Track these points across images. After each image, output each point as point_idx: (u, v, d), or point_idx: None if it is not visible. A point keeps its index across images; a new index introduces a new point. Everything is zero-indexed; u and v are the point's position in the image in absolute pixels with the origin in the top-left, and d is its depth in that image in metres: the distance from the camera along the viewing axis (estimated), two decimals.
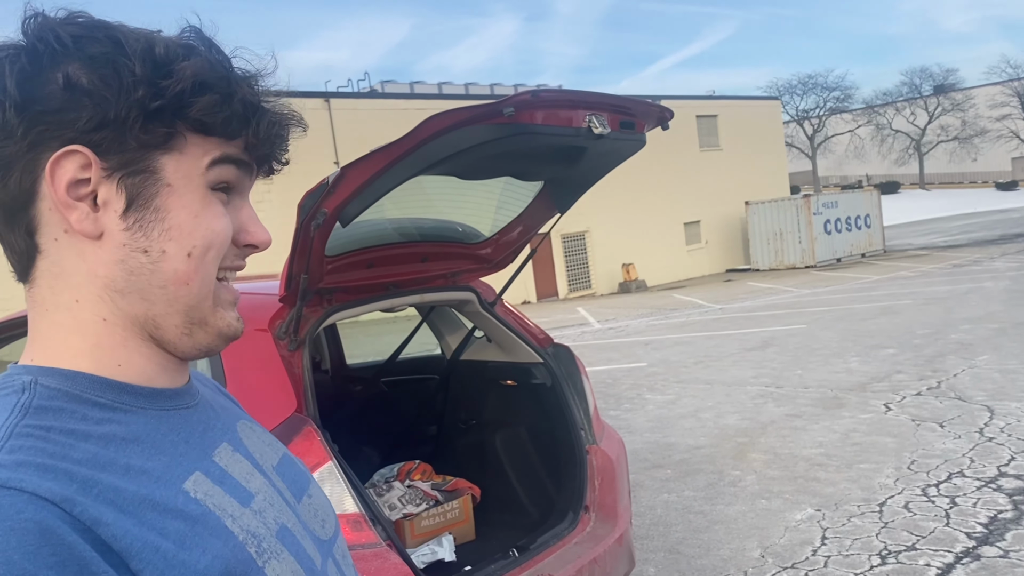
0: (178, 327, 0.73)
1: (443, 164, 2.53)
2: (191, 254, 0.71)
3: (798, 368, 9.26)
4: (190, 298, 0.72)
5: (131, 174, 0.69)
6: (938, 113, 64.37)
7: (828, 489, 5.17)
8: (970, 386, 7.43)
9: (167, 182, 0.71)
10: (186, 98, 0.69)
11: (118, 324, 0.72)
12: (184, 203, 0.71)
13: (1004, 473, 5.11)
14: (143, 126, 0.69)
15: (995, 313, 11.63)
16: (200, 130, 0.71)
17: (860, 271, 22.93)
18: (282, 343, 2.78)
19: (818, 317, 13.58)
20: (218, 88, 0.71)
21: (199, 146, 0.72)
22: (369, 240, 3.07)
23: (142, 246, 0.70)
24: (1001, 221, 36.49)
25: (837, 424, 6.66)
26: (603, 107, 2.64)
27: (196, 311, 0.73)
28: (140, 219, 0.70)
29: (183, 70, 0.69)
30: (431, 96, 27.84)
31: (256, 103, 0.73)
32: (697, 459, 6.13)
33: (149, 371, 0.74)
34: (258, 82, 0.75)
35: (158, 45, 0.70)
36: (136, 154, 0.69)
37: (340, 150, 22.29)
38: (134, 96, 0.68)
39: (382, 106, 24.60)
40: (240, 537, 0.69)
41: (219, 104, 0.70)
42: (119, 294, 0.71)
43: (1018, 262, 19.04)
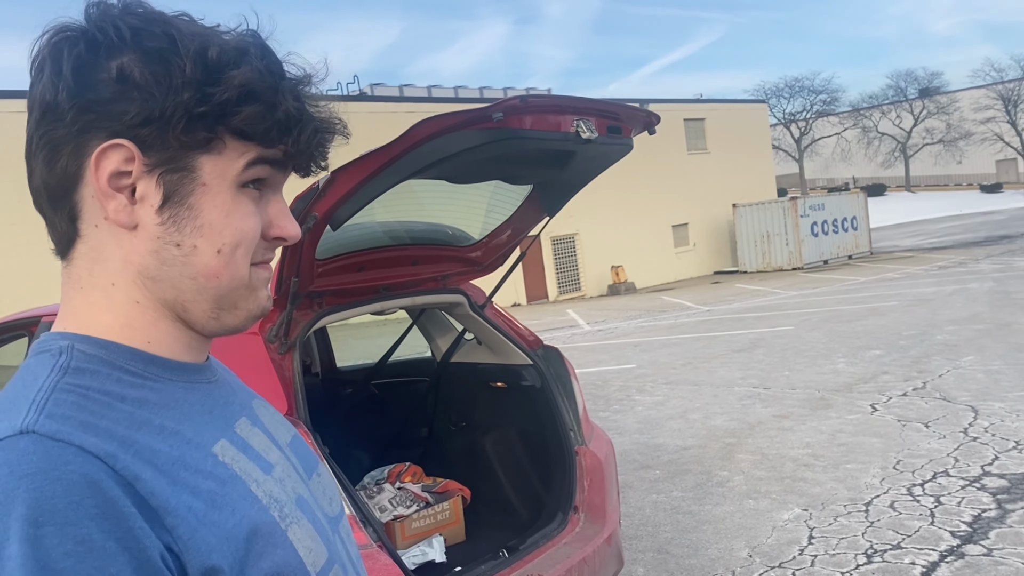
0: (206, 312, 0.76)
1: (433, 168, 2.56)
2: (220, 251, 0.74)
3: (785, 369, 9.32)
4: (219, 289, 0.75)
5: (170, 171, 0.72)
6: (923, 116, 64.80)
7: (815, 489, 5.22)
8: (955, 386, 7.50)
9: (203, 181, 0.73)
10: (230, 107, 0.71)
11: (149, 307, 0.75)
12: (217, 202, 0.74)
13: (988, 472, 5.17)
14: (185, 128, 0.71)
15: (980, 314, 11.74)
16: (240, 136, 0.73)
17: (847, 273, 23.07)
18: (272, 346, 2.80)
19: (805, 318, 13.67)
20: (264, 99, 0.72)
21: (237, 149, 0.74)
22: (359, 243, 3.09)
23: (175, 240, 0.73)
24: (985, 223, 36.79)
25: (824, 425, 6.71)
26: (591, 112, 2.68)
27: (226, 299, 0.76)
28: (175, 215, 0.73)
29: (231, 79, 0.70)
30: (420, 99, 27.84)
31: (299, 114, 0.75)
32: (685, 460, 6.17)
33: (177, 348, 0.77)
34: (306, 89, 0.77)
35: (212, 47, 0.71)
36: (177, 152, 0.72)
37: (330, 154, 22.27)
38: (181, 97, 0.70)
39: (371, 109, 24.60)
40: (264, 501, 0.72)
41: (262, 115, 0.72)
42: (152, 280, 0.74)
43: (1002, 263, 19.20)
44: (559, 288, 28.16)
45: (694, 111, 33.28)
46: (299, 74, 0.77)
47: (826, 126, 66.79)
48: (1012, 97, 61.09)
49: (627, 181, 27.34)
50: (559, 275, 28.26)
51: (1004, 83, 62.41)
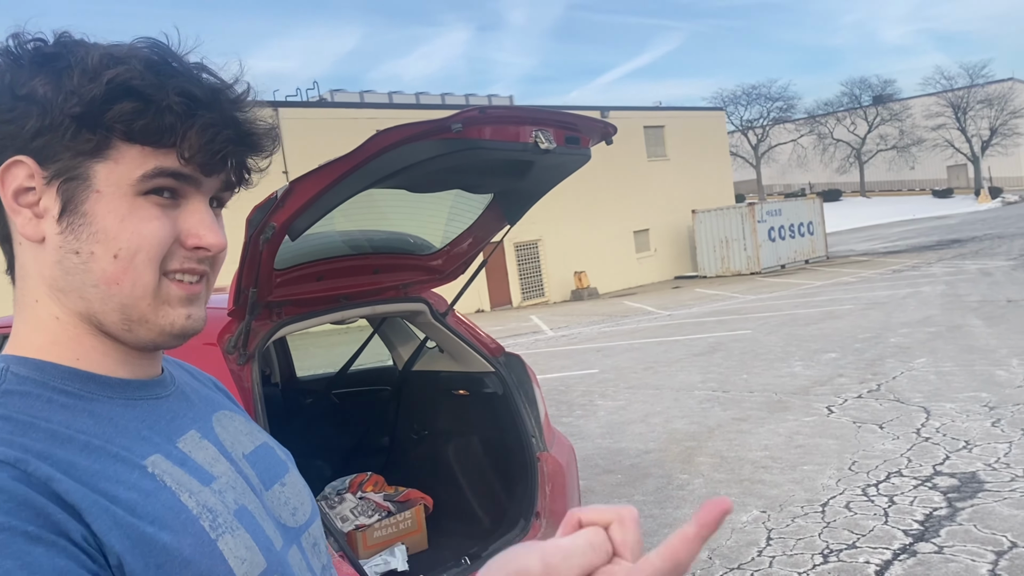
0: (116, 324, 0.76)
1: (392, 178, 2.57)
2: (117, 256, 0.74)
3: (744, 372, 9.45)
4: (122, 297, 0.75)
5: (66, 180, 0.73)
6: (877, 123, 66.14)
7: (773, 491, 5.31)
8: (908, 388, 7.68)
9: (96, 188, 0.74)
10: (99, 103, 0.71)
11: (69, 322, 0.76)
12: (111, 208, 0.74)
13: (939, 472, 5.31)
14: (73, 134, 0.72)
15: (932, 317, 12.02)
16: (127, 138, 0.73)
17: (804, 277, 23.46)
18: (231, 357, 2.79)
19: (763, 322, 13.87)
20: (142, 95, 0.72)
21: (133, 158, 0.74)
22: (319, 253, 3.09)
23: (74, 247, 0.74)
24: (938, 227, 37.66)
25: (782, 427, 6.82)
26: (549, 123, 2.71)
27: (132, 309, 0.76)
28: (71, 223, 0.74)
29: (102, 77, 0.71)
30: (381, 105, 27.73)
31: (187, 113, 0.74)
32: (646, 464, 6.23)
33: (108, 364, 0.77)
34: (217, 92, 0.76)
35: (95, 54, 0.72)
36: (71, 162, 0.73)
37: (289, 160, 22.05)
38: (67, 104, 0.71)
39: (332, 115, 24.43)
40: (195, 511, 0.73)
41: (138, 111, 0.72)
42: (62, 292, 0.75)
43: (954, 267, 19.68)
44: (523, 294, 28.22)
45: (653, 118, 33.61)
46: (212, 79, 0.77)
47: (783, 133, 67.88)
48: (961, 104, 62.63)
49: (589, 187, 27.52)
50: (523, 281, 28.32)
51: (954, 91, 63.94)
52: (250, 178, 0.83)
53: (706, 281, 27.87)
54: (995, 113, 62.12)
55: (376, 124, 18.25)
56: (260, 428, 0.96)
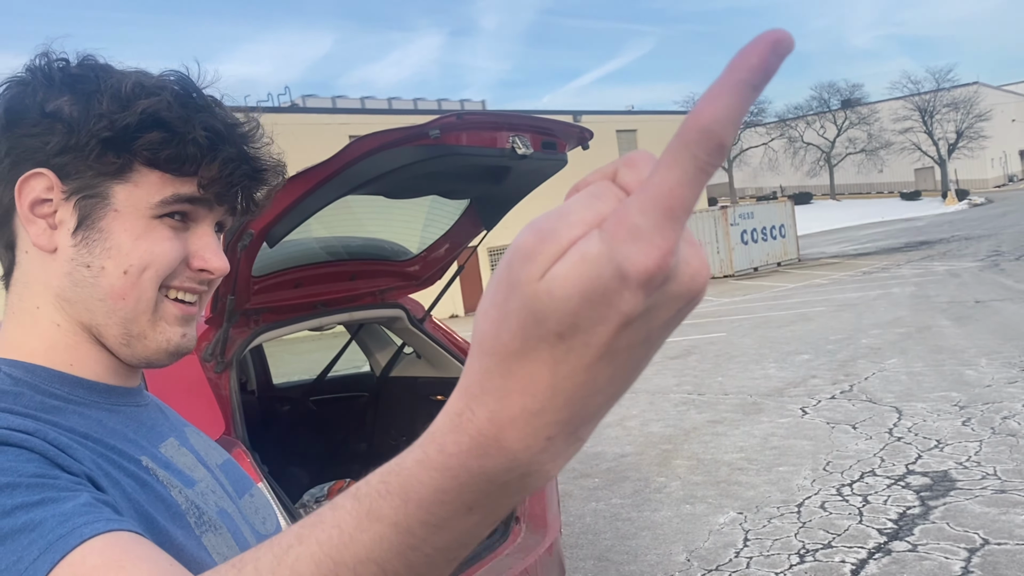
0: (117, 337, 0.79)
1: (370, 184, 2.57)
2: (127, 272, 0.77)
3: (719, 375, 9.52)
4: (126, 311, 0.78)
5: (85, 197, 0.77)
6: (846, 127, 67.00)
7: (749, 492, 5.35)
8: (880, 388, 7.78)
9: (115, 207, 0.77)
10: (131, 132, 0.75)
11: (69, 329, 0.79)
12: (127, 227, 0.77)
13: (912, 471, 5.38)
14: (98, 155, 0.75)
15: (902, 318, 12.19)
16: (151, 165, 0.77)
17: (776, 279, 23.68)
18: (208, 365, 2.77)
19: (737, 325, 13.98)
20: (170, 127, 0.76)
21: (153, 182, 0.77)
22: (296, 260, 3.08)
23: (86, 261, 0.77)
24: (906, 230, 38.19)
25: (757, 429, 6.88)
26: (526, 128, 2.72)
27: (133, 324, 0.79)
28: (87, 237, 0.77)
29: (136, 107, 0.75)
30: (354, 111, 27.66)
31: (210, 146, 0.78)
32: (624, 467, 6.26)
33: (99, 371, 0.80)
34: (235, 128, 0.81)
35: (127, 82, 0.76)
36: (93, 180, 0.76)
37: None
38: (96, 126, 0.75)
39: (304, 120, 24.30)
40: (183, 507, 0.76)
41: (166, 141, 0.76)
42: (68, 303, 0.78)
43: (922, 268, 19.97)
44: None
45: (626, 122, 33.82)
46: (230, 115, 0.81)
47: (754, 136, 68.57)
48: (928, 108, 63.61)
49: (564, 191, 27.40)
50: None
51: (920, 95, 64.93)
52: (256, 208, 0.87)
53: None
54: (961, 116, 63.19)
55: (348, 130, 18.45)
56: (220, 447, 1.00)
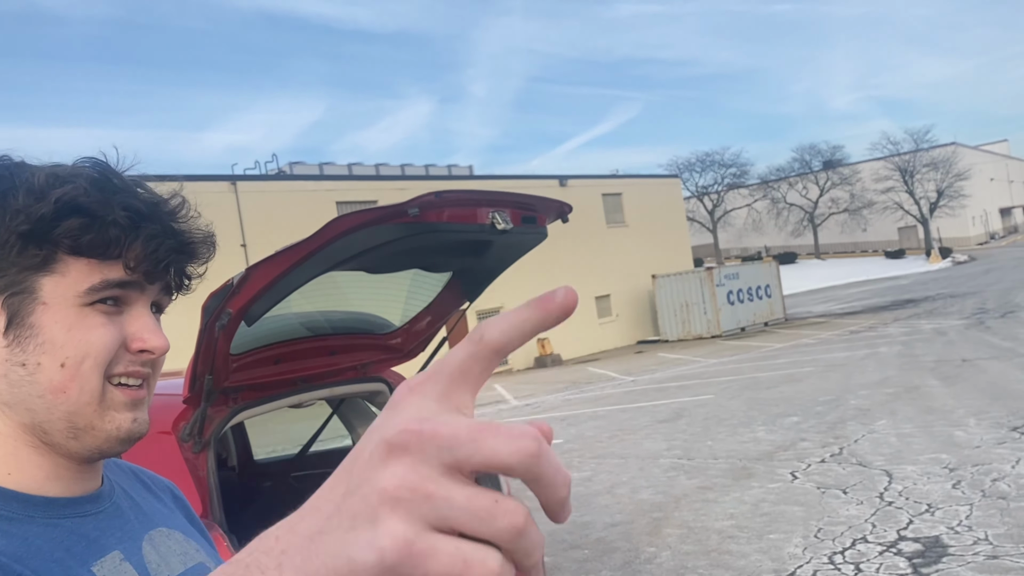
0: (62, 432, 0.77)
1: (349, 262, 2.57)
2: (64, 364, 0.75)
3: (708, 439, 9.46)
4: (69, 405, 0.76)
5: (12, 295, 0.75)
6: (828, 187, 68.00)
7: (740, 562, 5.26)
8: (870, 451, 7.73)
9: (43, 300, 0.75)
10: (49, 221, 0.74)
11: (10, 435, 0.76)
12: (58, 318, 0.76)
13: (903, 537, 5.31)
14: (20, 250, 0.74)
15: (890, 378, 12.19)
16: (73, 252, 0.76)
17: (764, 339, 23.72)
18: (186, 445, 2.72)
19: (725, 387, 13.95)
20: (88, 211, 0.75)
21: (79, 270, 0.76)
22: (276, 336, 3.06)
23: (20, 359, 0.75)
24: (892, 288, 38.48)
25: (747, 495, 6.81)
26: (505, 203, 2.75)
27: (79, 417, 0.77)
28: (18, 335, 0.75)
29: (51, 196, 0.74)
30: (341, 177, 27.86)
31: (131, 226, 0.77)
32: (613, 537, 6.16)
33: (39, 478, 0.77)
34: (157, 206, 0.80)
35: (40, 175, 0.75)
36: (17, 276, 0.75)
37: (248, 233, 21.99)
38: (13, 222, 0.74)
39: (290, 188, 24.47)
40: None
41: (85, 227, 0.75)
42: (7, 406, 0.76)
43: (909, 327, 20.06)
44: None
45: (612, 186, 34.21)
46: (151, 193, 0.81)
47: (737, 198, 69.46)
48: (908, 168, 64.74)
49: (549, 254, 27.75)
50: None
51: (900, 155, 66.14)
52: (189, 284, 0.86)
53: (668, 345, 28.05)
54: (941, 176, 64.30)
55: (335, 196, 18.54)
56: (205, 543, 0.96)
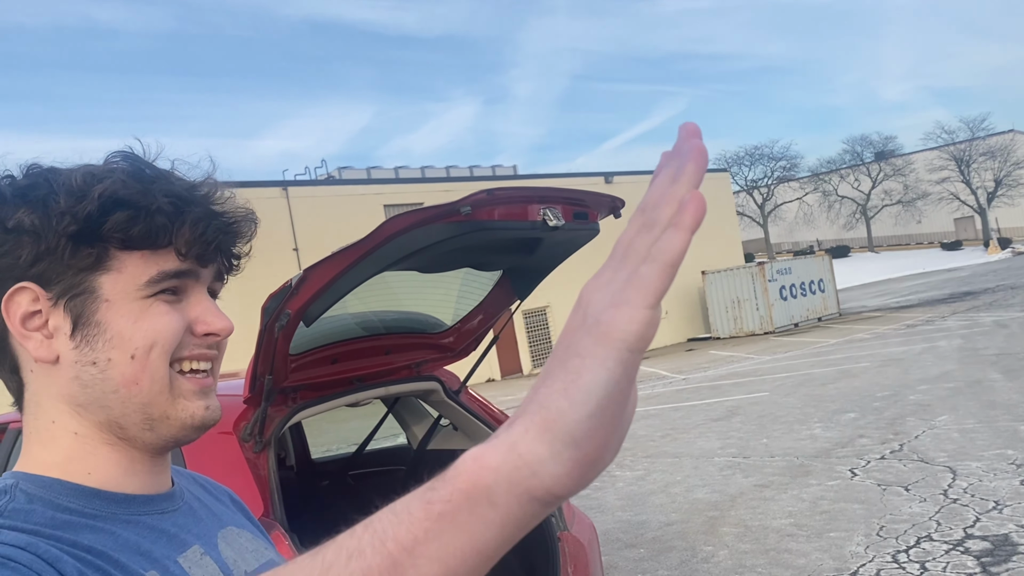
0: (138, 424, 0.78)
1: (403, 262, 2.59)
2: (134, 356, 0.76)
3: (763, 437, 9.32)
4: (142, 396, 0.77)
5: (73, 297, 0.76)
6: (880, 179, 66.62)
7: (800, 560, 5.17)
8: (931, 447, 7.54)
9: (105, 298, 0.76)
10: (96, 219, 0.75)
11: (88, 436, 0.78)
12: (123, 313, 0.76)
13: (971, 535, 5.17)
14: (72, 252, 0.75)
15: (950, 372, 11.88)
16: (125, 246, 0.76)
17: (818, 335, 23.31)
18: (247, 445, 2.77)
19: (780, 383, 13.74)
20: (131, 203, 0.76)
21: (135, 264, 0.77)
22: (333, 336, 3.09)
23: (90, 359, 0.76)
24: (949, 280, 37.54)
25: (805, 492, 6.69)
26: (556, 200, 2.73)
27: (153, 407, 0.78)
28: (86, 335, 0.76)
29: (93, 193, 0.75)
30: (387, 181, 28.14)
31: (176, 210, 0.77)
32: (669, 536, 6.10)
33: (118, 476, 0.79)
34: (194, 190, 0.80)
35: (76, 175, 0.76)
36: (75, 279, 0.76)
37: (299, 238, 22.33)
38: (60, 225, 0.74)
39: (339, 192, 24.79)
40: None
41: (132, 219, 0.75)
42: (82, 407, 0.77)
43: (968, 320, 19.53)
44: (533, 361, 28.11)
45: None
46: (185, 179, 0.81)
47: (788, 191, 68.39)
48: (964, 157, 63.11)
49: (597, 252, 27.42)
50: (532, 348, 28.24)
51: (955, 144, 64.51)
52: (238, 266, 0.86)
53: (720, 342, 27.73)
54: (998, 164, 62.55)
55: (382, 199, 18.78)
56: (268, 544, 0.97)
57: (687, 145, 0.46)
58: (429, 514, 0.45)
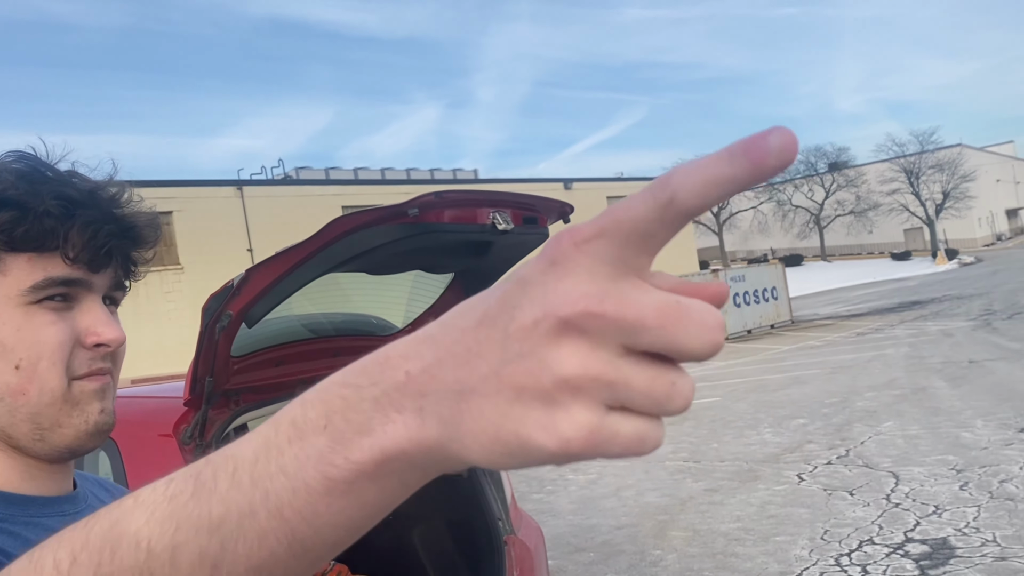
0: (27, 435, 0.76)
1: (350, 263, 2.57)
2: (19, 366, 0.74)
3: (714, 441, 9.43)
4: (30, 406, 0.75)
5: None
6: (834, 189, 67.90)
7: (746, 564, 5.24)
8: (876, 453, 7.70)
9: None
10: None
11: None
12: (4, 319, 0.74)
13: (910, 538, 5.28)
14: None
15: (897, 379, 12.14)
16: (9, 247, 0.74)
17: (770, 342, 23.64)
18: (187, 448, 2.72)
19: (732, 389, 13.91)
20: (18, 204, 0.74)
21: (19, 267, 0.75)
22: (278, 338, 3.06)
23: None
24: (898, 290, 38.35)
25: (753, 497, 6.78)
26: (506, 204, 2.74)
27: (42, 417, 0.76)
28: None
29: None
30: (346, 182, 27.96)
31: (65, 213, 0.75)
32: (619, 540, 6.14)
33: (15, 479, 0.77)
34: (95, 193, 0.78)
35: None
36: None
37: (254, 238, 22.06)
38: None
39: (296, 192, 24.56)
40: None
41: (17, 220, 0.74)
42: None
43: (916, 329, 19.98)
44: None
45: (617, 189, 34.25)
46: (88, 181, 0.79)
47: (743, 200, 69.41)
48: (914, 170, 64.61)
49: None
50: None
51: (905, 156, 66.02)
52: (138, 272, 0.84)
53: None
54: (946, 177, 64.17)
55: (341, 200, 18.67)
56: None
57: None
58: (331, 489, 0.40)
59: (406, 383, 0.38)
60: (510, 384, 0.34)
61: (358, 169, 33.03)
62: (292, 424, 0.42)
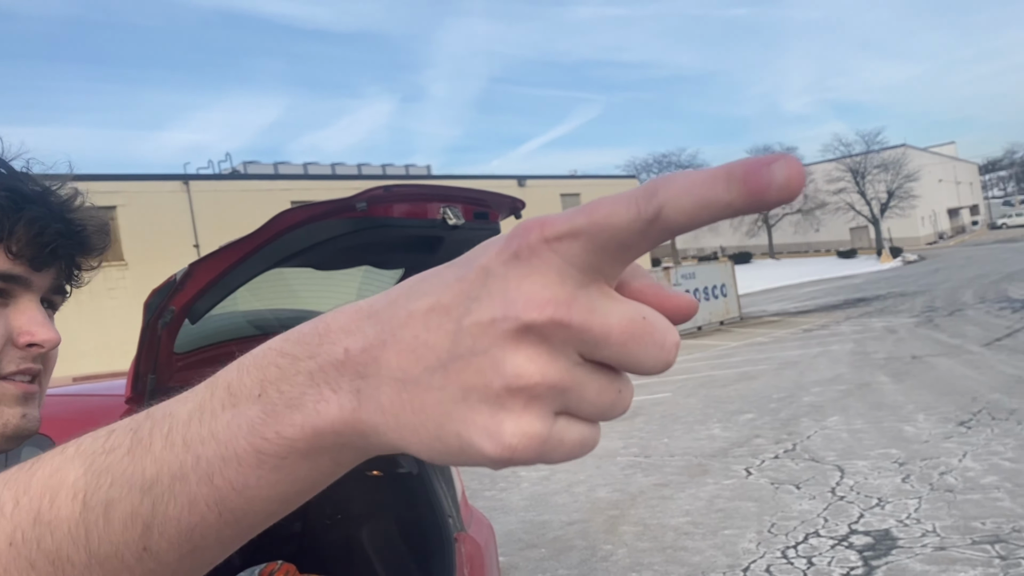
0: None
1: (297, 257, 2.53)
2: None
3: (664, 436, 9.52)
4: None
5: None
6: None
7: (695, 558, 5.30)
8: (822, 447, 7.85)
9: None
10: None
11: None
12: None
13: (855, 530, 5.40)
14: None
15: (842, 375, 12.40)
16: None
17: (719, 338, 23.97)
18: None
19: (681, 384, 14.07)
20: None
21: None
22: (223, 334, 2.99)
23: None
24: (844, 287, 39.17)
25: (702, 491, 6.86)
26: (457, 199, 2.72)
27: None
28: None
29: None
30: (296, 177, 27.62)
31: (14, 207, 0.73)
32: (570, 535, 6.16)
33: None
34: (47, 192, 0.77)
35: None
36: None
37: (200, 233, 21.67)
38: None
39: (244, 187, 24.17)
40: None
41: None
42: None
43: (861, 325, 20.44)
44: None
45: (570, 186, 34.42)
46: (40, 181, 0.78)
47: None
48: (860, 169, 66.06)
49: None
50: None
51: (851, 156, 67.47)
52: (81, 277, 0.81)
53: None
54: (891, 177, 65.72)
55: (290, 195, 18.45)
56: None
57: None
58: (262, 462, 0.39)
59: (344, 361, 0.36)
60: (457, 381, 0.32)
61: (308, 164, 32.65)
62: (227, 389, 0.41)
